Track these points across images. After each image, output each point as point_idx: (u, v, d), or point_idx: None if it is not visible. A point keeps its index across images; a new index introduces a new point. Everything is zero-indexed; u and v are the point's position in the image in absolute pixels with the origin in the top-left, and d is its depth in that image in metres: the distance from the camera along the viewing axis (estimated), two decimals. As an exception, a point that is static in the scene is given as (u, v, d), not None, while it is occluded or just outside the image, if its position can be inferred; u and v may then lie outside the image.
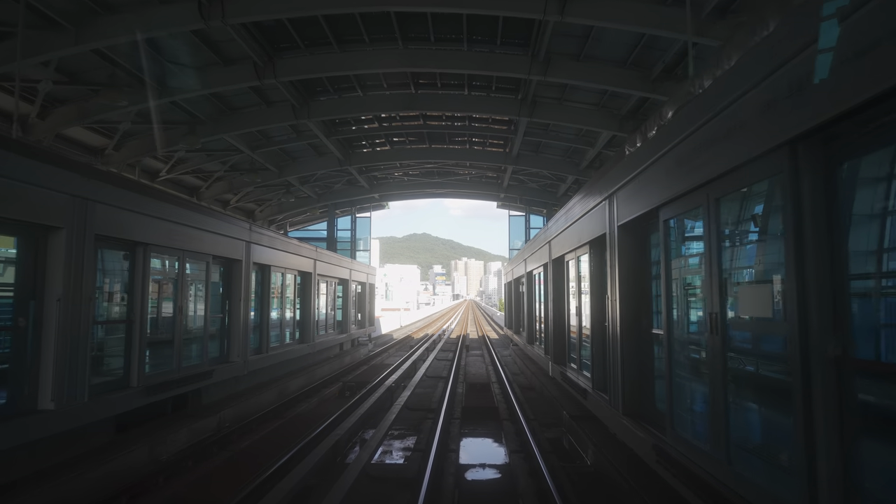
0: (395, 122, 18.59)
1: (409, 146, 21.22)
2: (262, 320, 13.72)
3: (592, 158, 19.03)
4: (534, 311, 16.15)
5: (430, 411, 12.31)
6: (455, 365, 20.19)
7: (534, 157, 21.05)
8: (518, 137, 17.99)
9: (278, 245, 14.29)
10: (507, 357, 24.46)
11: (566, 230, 10.25)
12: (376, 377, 17.30)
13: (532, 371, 16.60)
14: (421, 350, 26.35)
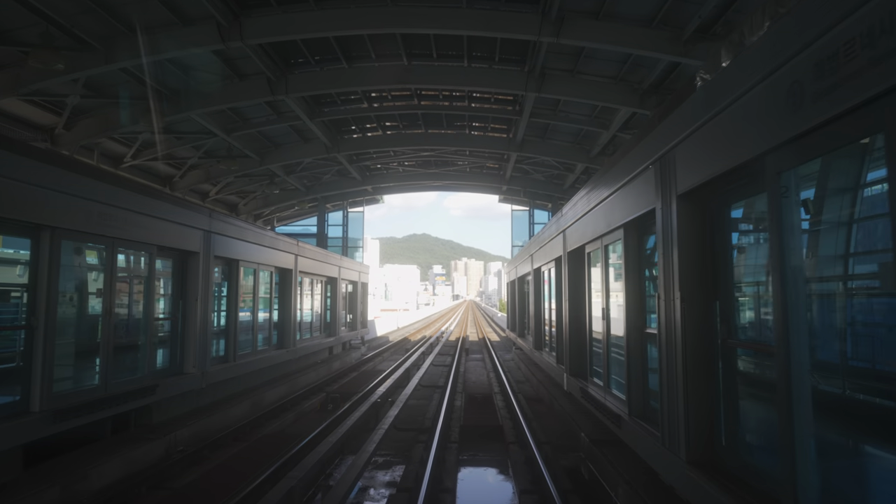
0: (386, 102, 16.70)
1: (403, 131, 19.32)
2: (229, 324, 11.83)
3: (606, 143, 17.13)
4: (542, 313, 14.28)
5: (423, 431, 10.41)
6: (453, 371, 18.32)
7: (540, 143, 19.15)
8: (523, 119, 16.09)
9: (249, 237, 12.40)
10: (510, 362, 22.59)
11: (588, 215, 8.35)
12: (365, 386, 15.41)
13: (539, 379, 14.72)
14: (417, 354, 24.45)
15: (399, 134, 19.36)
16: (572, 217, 9.48)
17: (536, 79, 13.50)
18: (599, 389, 7.86)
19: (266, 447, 9.53)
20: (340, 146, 19.22)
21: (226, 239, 11.24)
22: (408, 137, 19.35)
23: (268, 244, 13.58)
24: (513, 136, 18.77)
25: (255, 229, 12.85)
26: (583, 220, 8.71)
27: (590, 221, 8.22)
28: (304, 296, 17.41)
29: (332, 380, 17.09)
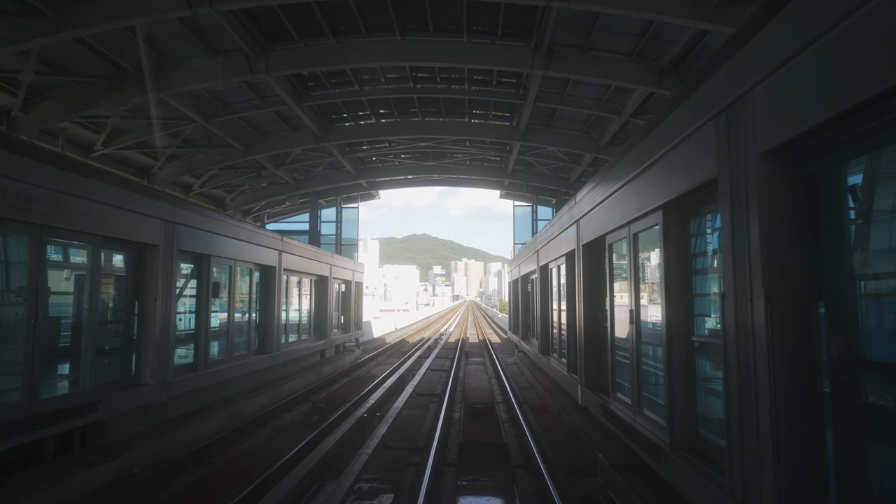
0: (378, 85, 15.35)
1: (399, 119, 17.98)
2: (199, 328, 10.49)
3: (617, 130, 15.79)
4: (550, 314, 12.96)
5: (416, 451, 9.09)
6: (452, 377, 17.00)
7: (545, 132, 17.82)
8: (528, 104, 14.76)
9: (222, 229, 11.06)
10: (513, 366, 21.27)
11: (611, 199, 7.03)
12: (355, 395, 14.10)
13: (545, 387, 13.41)
14: (414, 357, 23.12)
15: (394, 123, 18.03)
16: (589, 203, 8.15)
17: (543, 55, 12.18)
18: (625, 408, 6.53)
19: (236, 469, 8.22)
20: (331, 135, 17.88)
21: (193, 231, 9.91)
22: (403, 126, 18.01)
23: (246, 238, 12.25)
24: (516, 125, 17.44)
25: (230, 221, 11.50)
26: (604, 206, 7.38)
27: (613, 206, 6.89)
28: (291, 296, 16.09)
29: (321, 387, 15.76)
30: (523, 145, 18.88)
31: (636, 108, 14.34)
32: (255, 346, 13.54)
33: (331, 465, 8.33)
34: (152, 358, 8.66)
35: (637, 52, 12.05)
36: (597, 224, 7.79)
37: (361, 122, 18.00)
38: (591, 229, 8.16)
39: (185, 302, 10.34)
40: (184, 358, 10.12)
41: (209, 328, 10.66)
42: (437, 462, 8.00)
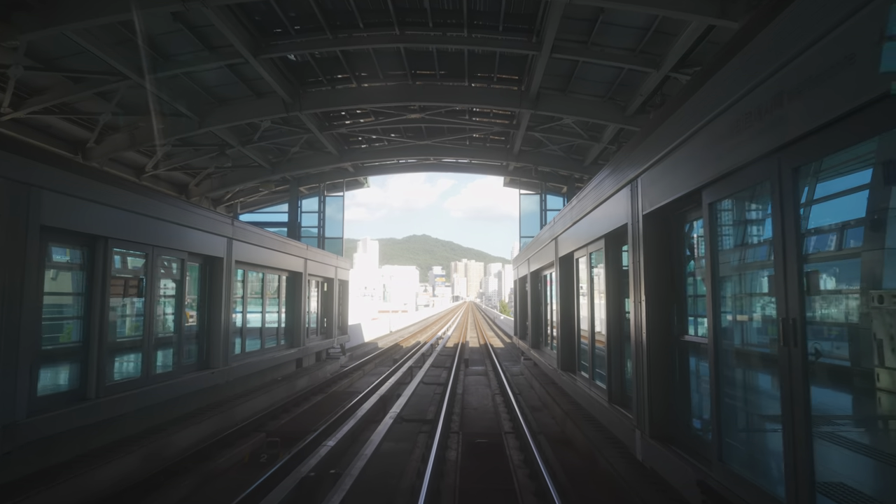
0: (356, 32, 12.29)
1: (384, 82, 14.92)
2: (89, 338, 7.44)
3: (652, 91, 12.76)
4: (575, 319, 9.94)
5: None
6: (448, 393, 14.02)
7: (560, 97, 14.77)
8: (542, 55, 11.74)
9: (125, 203, 7.97)
10: (520, 377, 18.27)
11: (720, 119, 4.00)
12: (325, 420, 11.12)
13: (564, 409, 10.52)
14: (407, 366, 20.05)
15: (379, 87, 14.97)
16: (659, 150, 5.10)
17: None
18: (766, 500, 3.49)
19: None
20: (303, 101, 14.84)
21: (74, 203, 6.89)
22: (389, 91, 14.94)
23: (172, 219, 9.19)
24: (525, 89, 14.41)
25: (137, 194, 8.41)
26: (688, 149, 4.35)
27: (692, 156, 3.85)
28: (249, 295, 13.07)
29: (286, 408, 12.72)
30: (534, 116, 15.84)
31: (680, 59, 11.32)
32: (193, 359, 10.51)
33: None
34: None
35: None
36: (673, 182, 4.76)
37: (339, 87, 14.95)
38: (659, 192, 5.12)
39: (66, 303, 7.32)
40: (57, 383, 7.08)
41: (106, 339, 7.60)
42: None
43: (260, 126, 16.53)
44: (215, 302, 10.98)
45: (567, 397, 12.19)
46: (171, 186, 19.80)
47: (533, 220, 23.48)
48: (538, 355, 14.77)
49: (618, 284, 7.19)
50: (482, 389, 16.26)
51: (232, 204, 23.24)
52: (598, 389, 7.78)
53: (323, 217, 23.04)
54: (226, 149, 17.24)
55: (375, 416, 11.40)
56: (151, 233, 8.72)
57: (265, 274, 14.03)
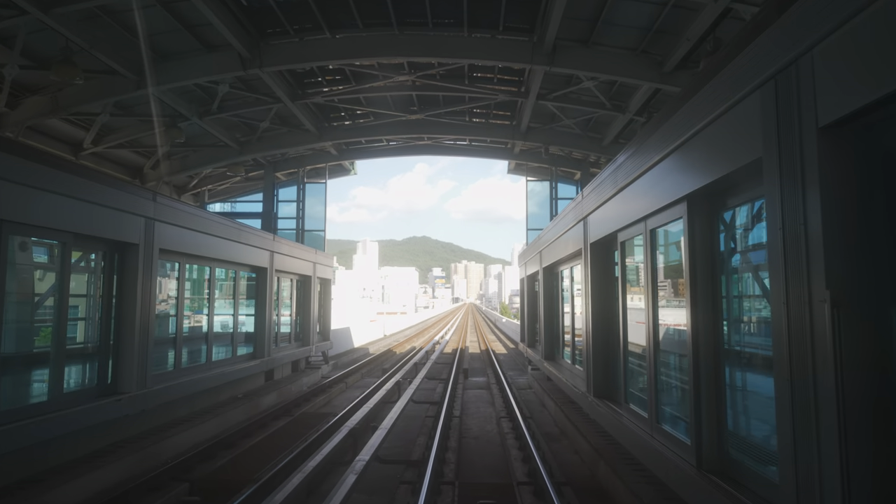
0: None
1: (363, 32, 12.06)
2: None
3: (705, 32, 9.93)
4: (615, 328, 7.12)
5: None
6: (443, 418, 11.20)
7: (581, 51, 11.93)
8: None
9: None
10: (528, 392, 15.47)
11: None
12: (275, 463, 8.28)
13: (594, 443, 7.65)
14: (397, 377, 17.19)
15: (358, 38, 12.10)
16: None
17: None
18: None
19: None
20: (264, 56, 12.01)
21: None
22: (369, 42, 12.08)
23: (49, 187, 6.37)
24: (539, 40, 11.59)
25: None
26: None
27: None
28: (188, 294, 10.23)
29: (229, 441, 9.79)
30: (548, 78, 13.03)
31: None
32: (88, 380, 7.68)
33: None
34: None
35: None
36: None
37: (308, 38, 12.10)
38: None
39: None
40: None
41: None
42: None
43: (217, 91, 13.69)
44: (126, 303, 8.15)
45: (593, 424, 9.38)
46: (120, 169, 16.98)
47: (542, 209, 20.63)
48: (553, 369, 11.93)
49: (713, 275, 4.37)
50: (484, 409, 13.44)
51: (199, 192, 20.40)
52: (672, 441, 4.94)
53: (302, 207, 20.20)
54: (179, 120, 14.40)
55: (345, 454, 8.56)
56: (18, 205, 5.91)
57: (213, 268, 11.19)
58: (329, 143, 17.74)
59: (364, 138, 18.46)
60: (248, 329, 13.39)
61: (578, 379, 9.46)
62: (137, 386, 8.20)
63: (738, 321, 4.27)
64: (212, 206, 20.84)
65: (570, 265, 10.58)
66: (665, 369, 5.41)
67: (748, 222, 4.17)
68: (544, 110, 16.08)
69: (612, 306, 7.53)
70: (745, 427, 4.19)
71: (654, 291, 5.50)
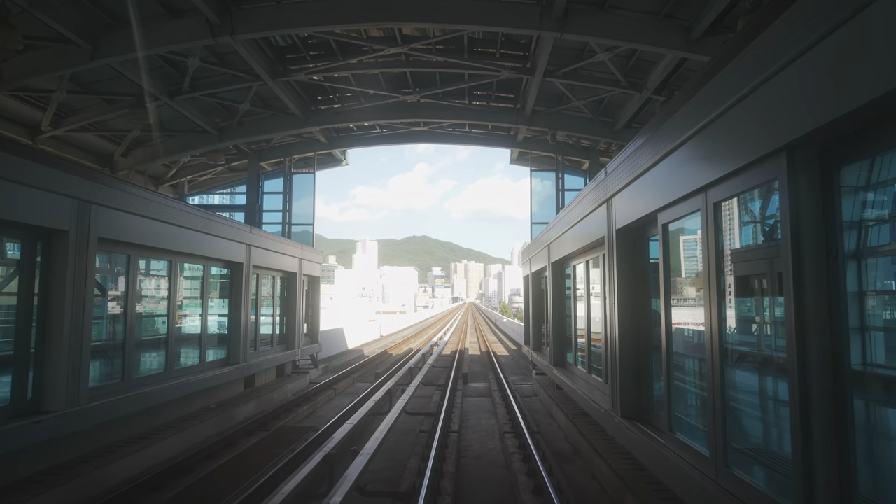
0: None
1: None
2: None
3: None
4: (652, 329, 5.68)
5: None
6: (439, 433, 9.81)
7: (597, 15, 10.47)
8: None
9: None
10: (535, 402, 14.07)
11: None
12: (241, 489, 6.85)
13: (615, 465, 6.21)
14: (391, 383, 15.72)
15: (341, 1, 10.63)
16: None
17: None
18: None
19: None
20: (235, 22, 10.55)
21: None
22: (357, 6, 10.60)
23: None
24: (547, 2, 10.13)
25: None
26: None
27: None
28: (139, 292, 8.77)
29: (182, 467, 8.25)
30: (558, 51, 11.58)
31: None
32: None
33: None
34: None
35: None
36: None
37: (285, 0, 10.63)
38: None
39: None
40: None
41: None
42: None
43: (187, 66, 12.23)
44: (53, 303, 6.70)
45: (612, 442, 7.96)
46: (87, 156, 15.51)
47: (548, 200, 19.18)
48: (564, 378, 10.47)
49: (827, 259, 2.93)
50: (486, 421, 12.00)
51: (177, 183, 18.93)
52: (753, 496, 3.49)
53: (289, 199, 18.72)
54: (148, 100, 12.94)
55: (320, 484, 7.12)
56: None
57: (175, 263, 9.72)
58: (316, 128, 16.26)
59: (354, 123, 16.98)
60: (221, 331, 11.96)
61: (597, 392, 8.01)
62: (67, 403, 6.75)
63: (876, 327, 2.84)
64: (191, 198, 19.38)
65: (586, 258, 9.13)
66: (740, 393, 3.97)
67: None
68: (551, 90, 14.62)
69: (647, 306, 6.09)
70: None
71: (720, 286, 4.05)
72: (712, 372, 4.05)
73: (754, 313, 4.04)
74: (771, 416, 3.80)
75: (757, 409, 3.89)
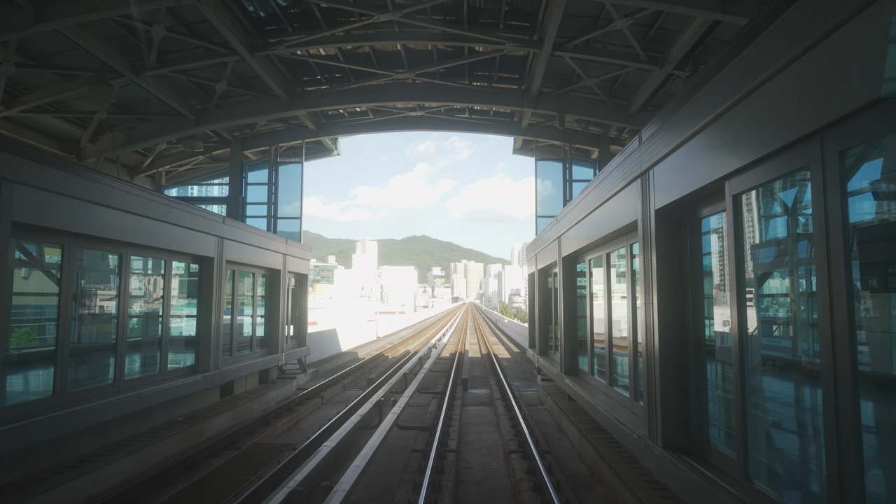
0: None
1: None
2: None
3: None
4: (700, 336, 4.32)
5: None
6: (435, 453, 8.47)
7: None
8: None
9: None
10: (542, 412, 12.73)
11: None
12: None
13: (644, 493, 4.75)
14: (383, 391, 14.37)
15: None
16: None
17: None
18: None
19: None
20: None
21: None
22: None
23: None
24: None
25: None
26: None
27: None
28: (70, 290, 7.37)
29: (134, 495, 6.94)
30: (569, 16, 10.21)
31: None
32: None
33: None
34: None
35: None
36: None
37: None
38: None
39: None
40: None
41: None
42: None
43: (152, 36, 10.85)
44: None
45: (635, 464, 6.63)
46: (50, 141, 14.13)
47: (554, 191, 17.80)
48: (580, 389, 9.08)
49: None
50: (488, 435, 10.63)
51: (154, 174, 17.53)
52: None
53: (275, 191, 17.32)
54: (110, 76, 11.56)
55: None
56: None
57: (126, 255, 8.34)
58: (302, 111, 14.86)
59: (344, 107, 15.60)
60: (189, 335, 10.58)
61: (623, 411, 6.63)
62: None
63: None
64: (168, 190, 17.99)
65: (607, 250, 7.75)
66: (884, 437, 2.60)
67: None
68: (560, 69, 13.25)
69: (699, 304, 4.72)
70: None
71: (846, 275, 2.67)
72: (834, 403, 2.67)
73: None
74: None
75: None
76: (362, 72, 13.80)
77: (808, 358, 3.22)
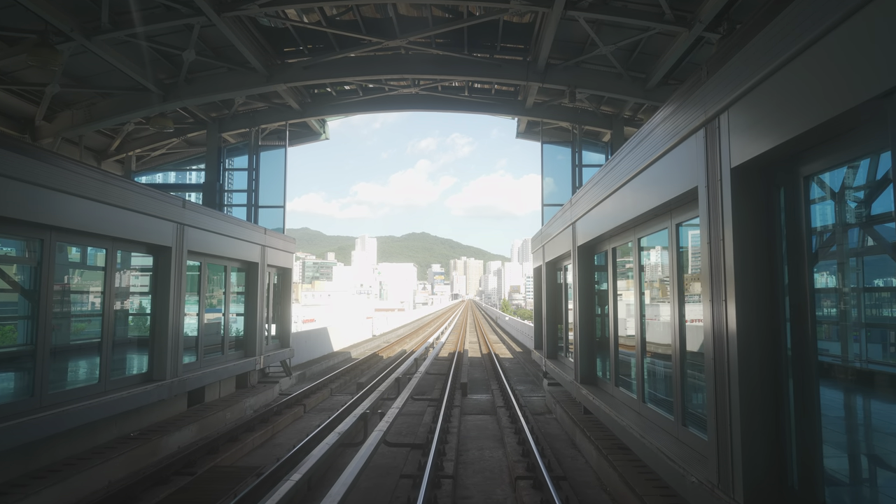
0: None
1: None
2: None
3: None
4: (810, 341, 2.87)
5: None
6: (428, 477, 6.96)
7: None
8: None
9: None
10: (551, 422, 11.25)
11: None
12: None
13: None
14: (373, 397, 12.82)
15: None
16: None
17: None
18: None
19: None
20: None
21: None
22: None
23: None
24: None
25: None
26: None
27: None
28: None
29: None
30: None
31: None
32: None
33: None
34: None
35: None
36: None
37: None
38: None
39: None
40: None
41: None
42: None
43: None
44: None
45: (657, 481, 5.17)
46: (4, 120, 12.59)
47: (563, 178, 16.26)
48: (602, 404, 7.58)
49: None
50: (491, 453, 9.14)
51: (123, 158, 15.99)
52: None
53: (256, 176, 15.78)
54: (55, 39, 10.02)
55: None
56: None
57: (51, 243, 6.83)
58: (283, 86, 13.31)
59: (330, 81, 14.06)
60: (140, 335, 9.08)
61: (668, 439, 5.14)
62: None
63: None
64: (139, 176, 16.45)
65: (642, 234, 6.24)
66: None
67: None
68: (571, 36, 11.72)
69: (803, 302, 3.23)
70: None
71: None
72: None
73: None
74: None
75: None
76: (349, 38, 12.26)
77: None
